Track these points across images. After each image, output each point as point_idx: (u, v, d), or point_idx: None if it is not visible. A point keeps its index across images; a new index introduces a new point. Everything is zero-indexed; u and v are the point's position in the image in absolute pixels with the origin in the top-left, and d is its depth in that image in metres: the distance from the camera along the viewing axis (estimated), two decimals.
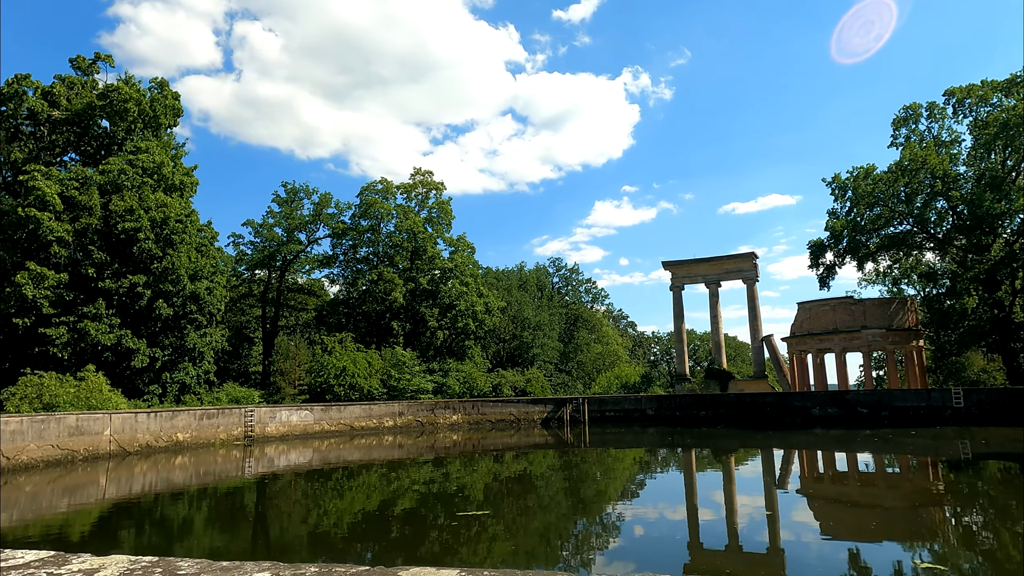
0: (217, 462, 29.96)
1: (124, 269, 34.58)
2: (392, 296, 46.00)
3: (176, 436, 31.31)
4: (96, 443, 27.55)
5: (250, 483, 22.44)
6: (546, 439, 39.48)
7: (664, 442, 37.44)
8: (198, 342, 36.94)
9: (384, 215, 49.79)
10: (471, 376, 45.69)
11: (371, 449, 35.46)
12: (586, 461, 28.50)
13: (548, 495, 18.90)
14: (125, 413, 29.31)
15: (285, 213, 52.49)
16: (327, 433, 38.28)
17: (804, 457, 28.74)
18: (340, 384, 40.72)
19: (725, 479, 22.64)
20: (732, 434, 38.13)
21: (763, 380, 53.58)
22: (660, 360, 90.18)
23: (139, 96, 37.67)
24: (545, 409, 44.20)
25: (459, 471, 24.89)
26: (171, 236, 35.38)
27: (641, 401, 44.96)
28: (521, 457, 30.31)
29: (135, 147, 38.02)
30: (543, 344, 54.81)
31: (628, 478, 23.75)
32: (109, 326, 33.51)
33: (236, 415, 34.29)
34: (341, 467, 26.86)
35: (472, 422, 43.02)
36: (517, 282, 60.21)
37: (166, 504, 17.99)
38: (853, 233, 45.73)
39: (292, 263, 53.81)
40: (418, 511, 15.64)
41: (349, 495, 19.57)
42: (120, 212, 34.83)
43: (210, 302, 37.22)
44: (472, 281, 49.01)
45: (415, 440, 38.40)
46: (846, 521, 13.96)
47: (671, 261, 57.25)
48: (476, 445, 37.35)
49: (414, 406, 41.78)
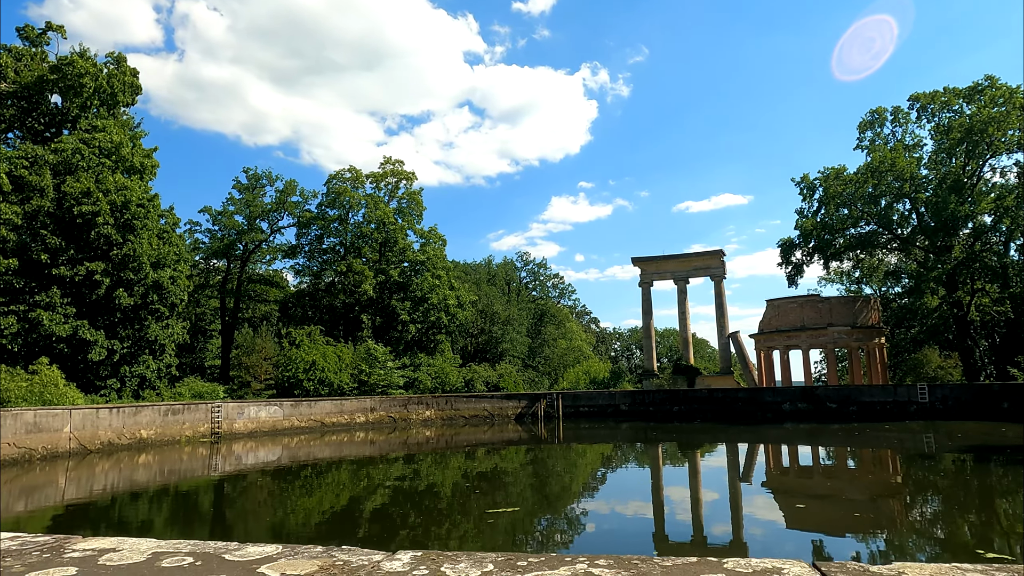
0: (183, 460, 29.33)
1: (80, 256, 33.08)
2: (362, 288, 45.44)
3: (140, 433, 30.26)
4: (55, 441, 26.38)
5: (215, 481, 22.27)
6: (520, 435, 40.00)
7: (638, 437, 38.52)
8: (160, 334, 35.69)
9: (354, 204, 49.04)
10: (443, 371, 45.63)
11: (342, 446, 35.28)
12: (559, 456, 29.06)
13: (517, 491, 19.13)
14: (86, 409, 28.15)
15: (247, 200, 51.07)
16: (297, 429, 37.70)
17: (776, 451, 30.10)
18: (310, 379, 40.07)
19: (695, 473, 23.38)
20: (705, 429, 39.46)
21: (729, 376, 55.39)
22: (620, 356, 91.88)
23: (96, 71, 35.99)
24: (519, 405, 44.65)
25: (430, 468, 24.99)
26: (132, 221, 34.02)
27: (615, 397, 45.92)
28: (494, 453, 30.68)
29: (90, 125, 36.35)
30: (512, 339, 55.16)
31: (599, 473, 24.34)
32: (64, 316, 32.02)
33: (203, 411, 33.40)
34: (310, 464, 26.68)
35: (445, 418, 43.06)
36: (486, 276, 60.36)
37: (125, 505, 17.62)
38: (822, 232, 47.70)
39: (254, 253, 52.42)
40: (386, 509, 15.79)
41: (318, 493, 19.60)
42: (76, 194, 33.27)
43: (173, 292, 35.98)
44: (444, 274, 48.85)
45: (387, 436, 38.34)
46: (813, 514, 14.39)
47: (641, 257, 58.42)
48: (449, 441, 37.64)
49: (386, 401, 41.52)
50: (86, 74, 35.39)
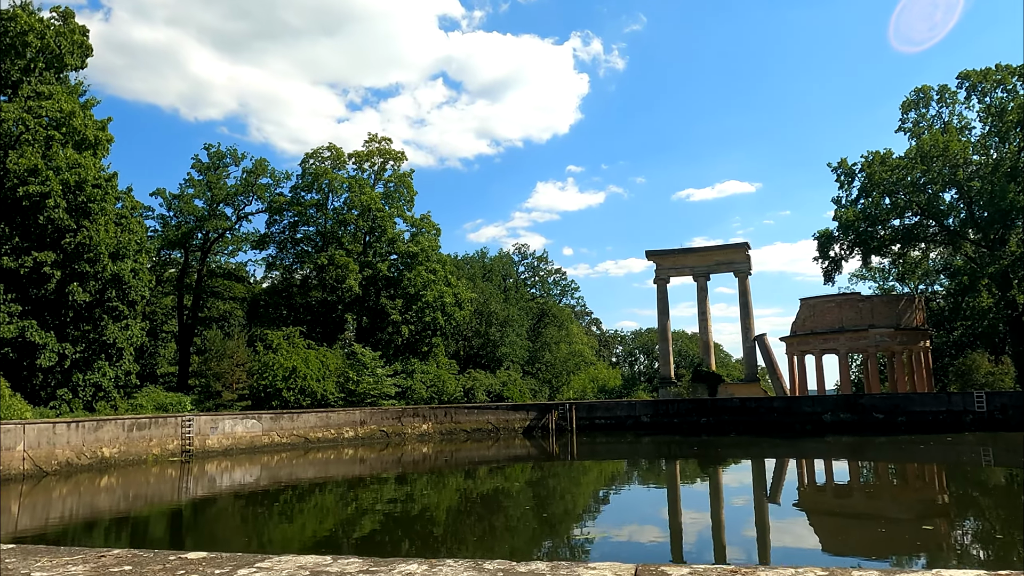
0: (149, 482, 28.71)
1: (26, 244, 31.83)
2: (346, 284, 44.69)
3: (102, 451, 29.32)
4: (7, 461, 25.38)
5: (182, 508, 22.01)
6: (528, 450, 39.86)
7: (661, 452, 38.67)
8: (118, 336, 34.58)
9: (335, 187, 48.18)
10: (440, 378, 45.15)
11: (328, 464, 34.83)
12: (571, 476, 29.00)
13: (518, 514, 19.19)
14: (41, 424, 27.16)
15: (208, 182, 49.85)
16: (278, 446, 37.01)
17: (820, 467, 30.48)
18: (290, 388, 39.29)
19: (729, 493, 23.59)
20: (738, 443, 39.72)
21: (755, 383, 55.86)
22: (622, 361, 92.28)
23: (41, 28, 34.66)
24: (527, 416, 44.40)
25: (427, 489, 24.89)
26: (87, 204, 32.87)
27: (635, 407, 45.96)
28: (497, 472, 30.64)
29: (34, 91, 35.00)
30: (512, 342, 54.88)
31: (615, 494, 24.48)
32: (8, 315, 30.79)
33: (172, 425, 32.54)
34: (291, 487, 26.45)
35: (444, 432, 42.66)
36: (480, 271, 59.88)
37: (79, 535, 17.17)
38: (864, 224, 48.20)
39: (216, 243, 51.21)
40: (375, 538, 15.90)
41: (299, 519, 19.51)
42: (20, 172, 32.00)
43: (134, 287, 34.88)
44: (440, 268, 48.27)
45: (379, 453, 37.88)
46: (854, 536, 14.56)
47: (656, 251, 58.67)
48: (450, 459, 37.33)
49: (378, 414, 40.99)
50: (30, 31, 34.05)
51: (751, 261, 58.02)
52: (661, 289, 58.44)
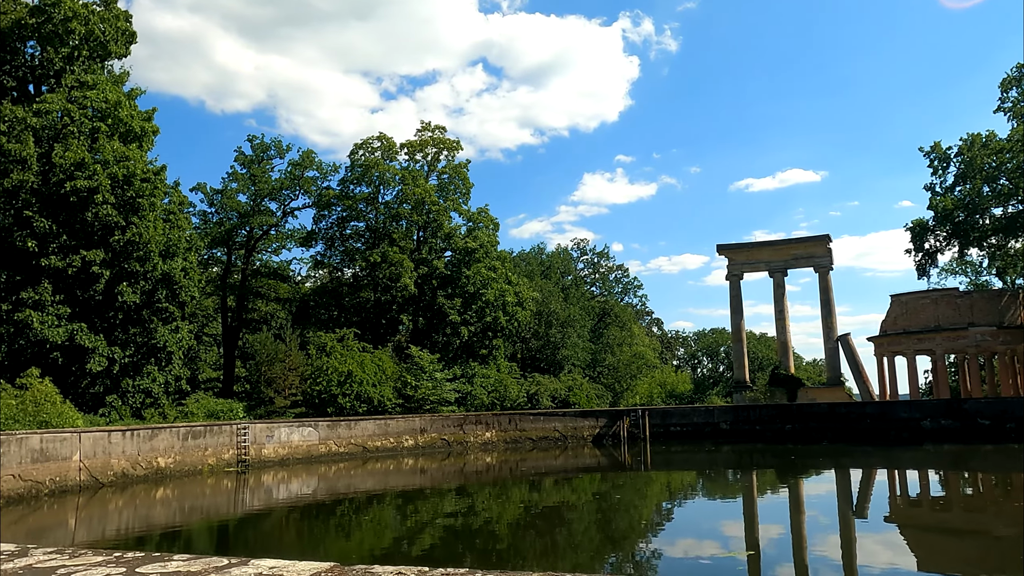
0: (205, 494, 28.55)
1: (74, 242, 31.47)
2: (401, 282, 43.83)
3: (157, 461, 28.80)
4: (64, 471, 24.89)
5: (238, 521, 22.11)
6: (599, 460, 38.97)
7: (743, 462, 37.45)
8: (168, 339, 34.11)
9: (387, 180, 47.40)
10: (502, 383, 44.08)
11: (387, 475, 34.47)
12: (643, 487, 28.51)
13: (582, 528, 19.20)
14: (96, 432, 26.70)
15: (252, 175, 49.46)
16: (335, 455, 36.39)
17: (911, 478, 28.91)
18: (345, 394, 38.57)
19: (815, 506, 22.98)
20: (826, 451, 38.34)
21: (839, 387, 53.76)
22: (685, 365, 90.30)
23: (85, 14, 34.37)
24: (597, 424, 43.21)
25: (491, 503, 24.77)
26: (136, 199, 32.43)
27: (713, 414, 44.48)
28: (564, 483, 30.18)
29: (78, 81, 34.75)
30: (574, 344, 53.55)
31: (690, 508, 24.11)
32: (57, 317, 30.44)
33: (227, 434, 32.00)
34: (348, 498, 26.39)
35: (509, 440, 41.70)
36: (539, 268, 58.71)
37: (133, 550, 16.75)
38: (963, 212, 45.91)
39: (261, 240, 50.84)
40: (430, 553, 16.05)
41: (357, 533, 19.65)
42: (67, 166, 31.67)
43: (185, 287, 34.39)
44: (500, 265, 47.18)
45: (441, 463, 37.26)
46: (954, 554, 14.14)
47: (728, 245, 57.07)
48: (514, 469, 36.76)
49: (438, 421, 40.14)
50: (74, 17, 33.77)
51: (833, 255, 55.78)
52: (734, 286, 56.59)
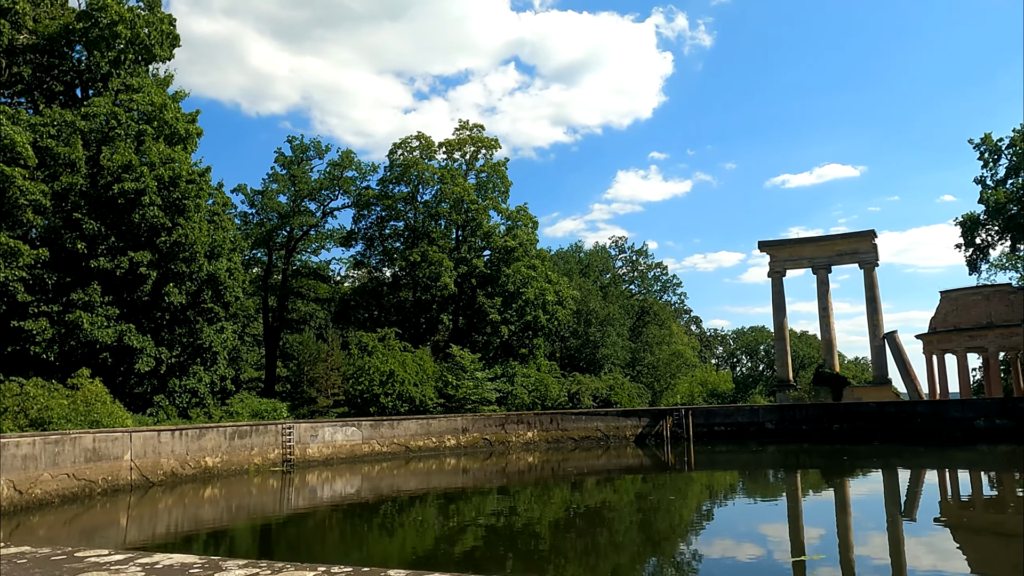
0: (252, 494, 28.57)
1: (122, 244, 31.60)
2: (441, 281, 43.48)
3: (205, 461, 28.78)
4: (115, 471, 24.91)
5: (283, 521, 22.14)
6: (641, 460, 38.41)
7: (790, 463, 36.65)
8: (213, 339, 34.15)
9: (426, 179, 47.11)
10: (543, 382, 43.49)
11: (430, 475, 34.29)
12: (686, 488, 28.12)
13: (623, 529, 18.86)
14: (146, 431, 26.74)
15: (292, 176, 49.52)
16: (378, 455, 36.19)
17: (962, 479, 28.09)
18: (387, 393, 38.31)
19: (864, 506, 22.37)
20: (876, 451, 37.43)
21: (886, 386, 52.20)
22: (723, 363, 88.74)
23: (131, 18, 34.51)
24: (640, 423, 42.47)
25: (534, 504, 24.63)
26: (181, 201, 32.48)
27: (758, 413, 43.53)
28: (606, 484, 29.87)
29: (123, 84, 34.93)
30: (613, 343, 52.73)
31: (734, 509, 23.71)
32: (106, 318, 30.57)
33: (272, 434, 31.91)
34: (391, 499, 26.40)
35: (551, 440, 41.17)
36: (577, 266, 58.03)
37: (179, 550, 16.87)
38: (1017, 206, 44.29)
39: (301, 240, 50.91)
40: (471, 554, 15.90)
41: (400, 533, 19.70)
42: (114, 169, 31.81)
43: (229, 287, 34.40)
44: (539, 264, 46.63)
45: (483, 463, 36.97)
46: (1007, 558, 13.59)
47: (770, 241, 55.89)
48: (556, 469, 36.42)
49: (480, 421, 39.73)
50: (120, 21, 33.92)
51: (878, 250, 54.17)
52: (776, 283, 55.28)
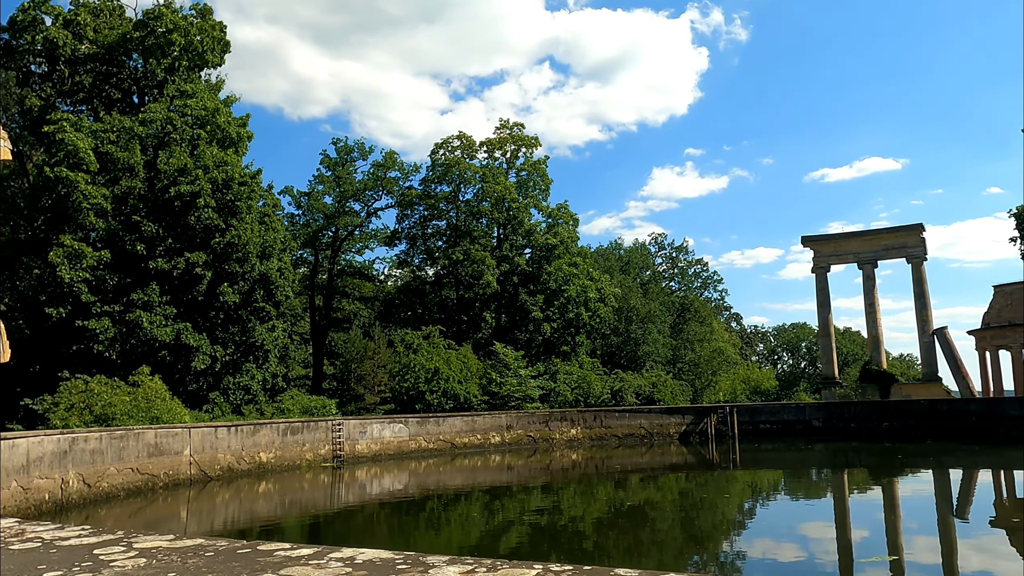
0: (304, 488, 29.05)
1: (178, 245, 32.37)
2: (484, 279, 43.65)
3: (259, 456, 29.36)
4: (176, 465, 25.56)
5: (332, 516, 22.34)
6: (686, 458, 38.04)
7: (838, 461, 35.98)
8: (265, 338, 34.79)
9: (468, 178, 47.33)
10: (585, 380, 43.36)
11: (475, 471, 34.43)
12: (731, 486, 27.74)
13: (670, 529, 18.67)
14: (204, 428, 27.38)
15: (336, 177, 50.18)
16: (424, 451, 36.49)
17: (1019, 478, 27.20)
18: (432, 390, 38.57)
19: (914, 507, 21.76)
20: (928, 450, 36.55)
21: (936, 383, 50.83)
22: (764, 361, 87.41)
23: (184, 26, 35.31)
24: (684, 421, 42.06)
25: (574, 500, 24.52)
26: (234, 203, 33.16)
27: (804, 411, 42.76)
28: (650, 481, 29.65)
29: (178, 90, 35.77)
30: (654, 340, 52.30)
31: (780, 508, 23.25)
32: (164, 317, 31.37)
33: (323, 430, 32.40)
34: (437, 495, 26.59)
35: (594, 437, 41.04)
36: (617, 263, 57.72)
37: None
38: None
39: (346, 240, 51.58)
40: (517, 551, 16.01)
41: (445, 529, 19.89)
42: (171, 172, 32.60)
43: (280, 287, 35.02)
44: (580, 261, 46.53)
45: (527, 460, 37.01)
46: None
47: (814, 236, 54.88)
48: (600, 466, 36.32)
49: (524, 418, 39.78)
50: (174, 29, 34.73)
51: (926, 244, 52.75)
52: (820, 278, 54.22)
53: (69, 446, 21.55)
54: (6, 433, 21.90)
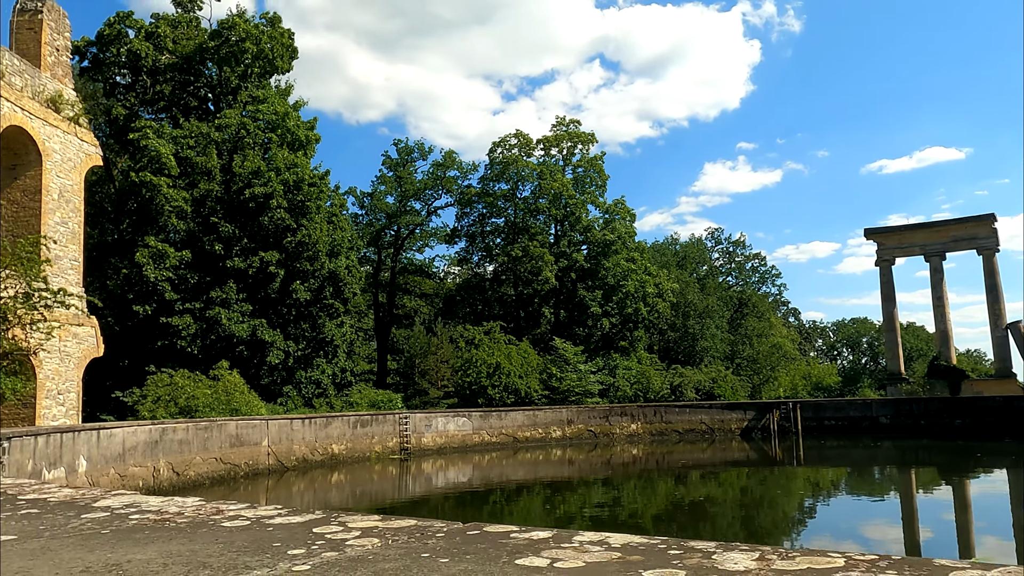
0: (373, 480, 29.72)
1: (253, 245, 33.49)
2: (542, 276, 43.83)
3: (331, 448, 30.21)
4: (255, 455, 26.54)
5: (399, 507, 22.43)
6: (748, 454, 37.52)
7: (907, 459, 34.94)
8: (334, 333, 35.71)
9: (526, 176, 47.58)
10: (644, 375, 43.14)
11: (537, 465, 34.61)
12: (793, 483, 27.17)
13: (730, 526, 18.28)
14: (281, 420, 28.37)
15: (398, 177, 51.04)
16: (487, 445, 36.90)
17: None
18: (494, 385, 38.96)
19: (986, 506, 21.21)
20: (1004, 449, 35.21)
21: (1010, 380, 48.76)
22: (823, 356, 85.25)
23: (256, 34, 36.42)
24: (745, 417, 41.47)
25: (634, 495, 24.43)
26: (304, 203, 34.10)
27: (871, 407, 41.70)
28: (711, 477, 29.25)
29: (251, 96, 36.94)
30: (712, 335, 51.63)
31: (845, 505, 22.67)
32: (241, 314, 32.52)
33: (390, 423, 33.14)
34: (500, 488, 26.79)
35: (655, 432, 40.84)
36: (673, 258, 57.18)
37: None
38: None
39: (407, 239, 52.45)
40: None
41: (508, 521, 20.39)
42: (245, 175, 33.73)
43: (348, 284, 35.89)
44: (639, 256, 46.32)
45: (588, 454, 37.04)
46: None
47: (878, 229, 53.38)
48: (660, 461, 36.05)
49: (584, 413, 39.87)
50: (247, 38, 35.87)
51: (998, 235, 50.62)
52: (885, 271, 52.59)
53: (160, 436, 22.64)
54: (103, 423, 23.17)
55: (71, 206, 24.06)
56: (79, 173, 24.55)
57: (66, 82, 24.56)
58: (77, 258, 23.94)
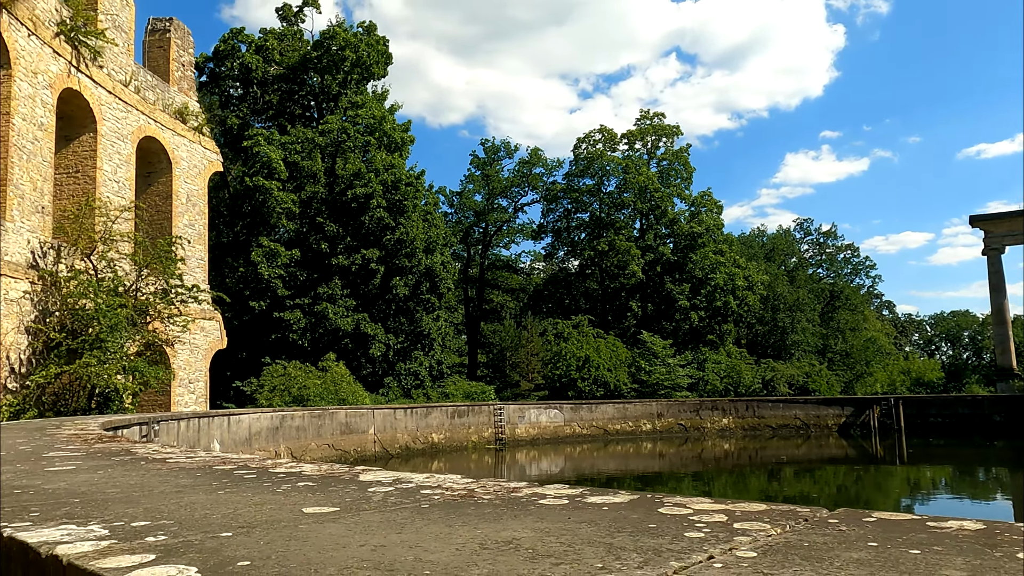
0: (471, 468, 30.17)
1: (355, 243, 34.78)
2: (629, 269, 43.57)
3: (431, 437, 31.07)
4: (363, 443, 27.63)
5: None
6: (846, 451, 36.11)
7: (1021, 461, 32.47)
8: (431, 327, 36.67)
9: (613, 170, 47.37)
10: (734, 368, 42.24)
11: (627, 458, 34.37)
12: (894, 483, 26.02)
13: None
14: (385, 409, 29.39)
15: (485, 176, 51.77)
16: (578, 437, 37.03)
17: None
18: (583, 378, 39.06)
19: None
20: None
21: None
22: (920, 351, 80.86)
23: (355, 42, 37.74)
24: (843, 413, 39.93)
25: (725, 490, 23.79)
26: (401, 202, 35.14)
27: (982, 404, 39.32)
28: (805, 475, 27.93)
29: (350, 102, 38.29)
30: (803, 329, 49.93)
31: (947, 508, 21.15)
32: (345, 309, 33.86)
33: (485, 414, 33.76)
34: (591, 479, 26.59)
35: (747, 427, 39.89)
36: (761, 250, 55.61)
37: None
38: None
39: (495, 235, 53.18)
40: None
41: None
42: (347, 177, 35.04)
43: (443, 279, 36.78)
44: (727, 249, 45.39)
45: (678, 448, 36.55)
46: None
47: (984, 215, 50.12)
48: (753, 457, 34.97)
49: (674, 406, 39.40)
50: (346, 47, 37.22)
51: None
52: (993, 261, 49.37)
53: (280, 423, 23.97)
54: (232, 410, 24.74)
55: (197, 209, 25.77)
56: (203, 178, 26.26)
57: (191, 94, 26.29)
58: (203, 257, 25.64)
